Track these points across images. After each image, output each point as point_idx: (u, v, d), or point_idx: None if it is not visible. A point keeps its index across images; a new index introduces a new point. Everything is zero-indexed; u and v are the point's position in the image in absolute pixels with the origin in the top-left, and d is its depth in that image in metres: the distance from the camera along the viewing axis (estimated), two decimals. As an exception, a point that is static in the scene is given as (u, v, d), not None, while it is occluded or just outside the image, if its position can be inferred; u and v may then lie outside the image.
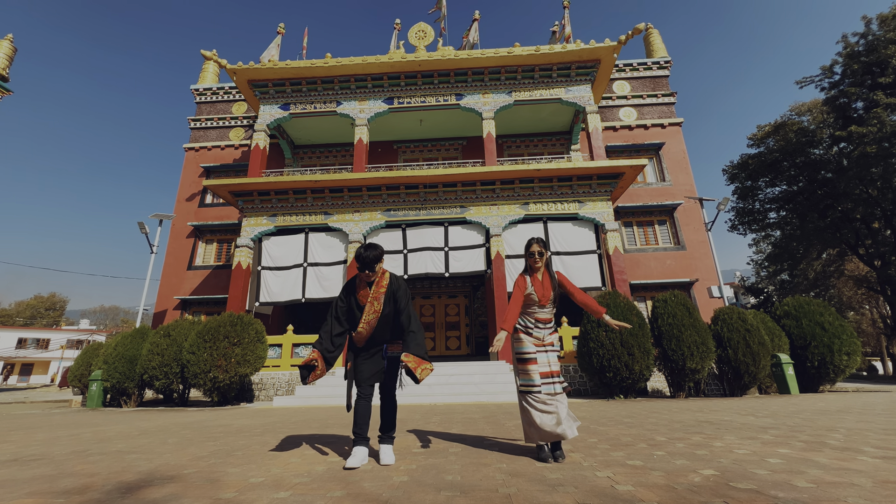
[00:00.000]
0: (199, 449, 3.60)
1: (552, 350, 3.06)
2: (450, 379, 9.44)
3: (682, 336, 8.10)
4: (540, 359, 3.01)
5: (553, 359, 3.03)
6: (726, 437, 3.47)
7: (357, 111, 13.53)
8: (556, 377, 2.98)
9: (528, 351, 3.03)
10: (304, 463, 2.92)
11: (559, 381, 2.98)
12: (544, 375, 2.97)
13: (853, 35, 20.80)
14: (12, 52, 15.81)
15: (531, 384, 2.95)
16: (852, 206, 21.33)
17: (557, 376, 2.99)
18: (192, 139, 17.70)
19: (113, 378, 9.13)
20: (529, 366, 3.00)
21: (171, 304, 15.05)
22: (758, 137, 24.17)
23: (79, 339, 46.54)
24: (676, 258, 14.65)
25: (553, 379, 2.97)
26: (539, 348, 3.04)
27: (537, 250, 3.09)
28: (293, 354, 10.68)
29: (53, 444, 4.08)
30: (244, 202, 12.40)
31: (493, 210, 11.95)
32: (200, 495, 2.17)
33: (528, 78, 13.48)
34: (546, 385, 2.94)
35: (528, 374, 2.98)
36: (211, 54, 14.79)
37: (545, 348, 3.05)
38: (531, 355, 3.01)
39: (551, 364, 3.01)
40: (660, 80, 17.27)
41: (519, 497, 2.00)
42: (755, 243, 30.83)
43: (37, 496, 2.23)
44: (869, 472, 2.27)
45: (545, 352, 3.04)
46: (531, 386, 2.95)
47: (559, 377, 3.00)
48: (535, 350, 3.03)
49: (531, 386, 2.95)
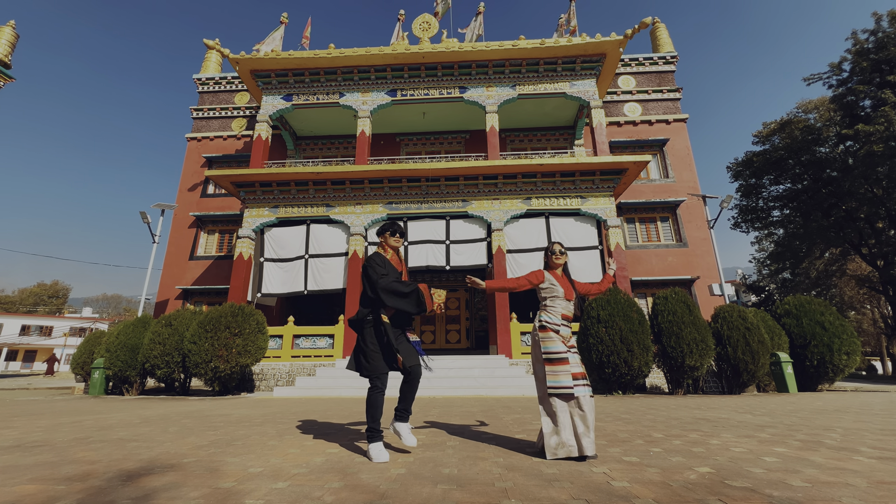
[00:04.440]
0: (200, 438, 3.63)
1: (575, 351, 2.87)
2: (449, 372, 9.49)
3: (681, 333, 8.11)
4: (571, 358, 2.78)
5: (577, 359, 2.84)
6: (723, 435, 3.48)
7: (360, 103, 13.45)
8: (585, 379, 2.78)
9: (559, 350, 2.78)
10: (303, 454, 2.94)
11: (586, 384, 2.76)
12: (576, 377, 2.73)
13: (863, 32, 20.51)
14: (14, 38, 15.72)
15: (563, 386, 2.69)
16: (857, 205, 21.18)
17: (585, 378, 2.78)
18: (194, 129, 17.65)
19: (115, 366, 9.21)
20: (560, 366, 2.74)
21: (172, 294, 15.12)
22: (763, 135, 23.97)
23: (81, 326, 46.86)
24: (678, 255, 14.62)
25: (583, 381, 2.76)
26: (569, 348, 2.84)
27: (559, 248, 3.09)
28: (294, 346, 10.74)
29: (56, 431, 4.12)
30: (246, 193, 12.39)
31: (496, 204, 11.92)
32: (200, 484, 2.19)
33: (533, 71, 13.37)
34: (579, 387, 2.71)
35: (558, 375, 2.73)
36: (214, 43, 14.69)
37: (572, 349, 2.85)
38: (562, 355, 2.76)
39: (580, 364, 2.81)
40: (665, 75, 17.10)
41: (515, 491, 2.02)
42: (758, 241, 30.70)
43: (39, 482, 2.25)
44: (864, 472, 2.28)
45: (573, 352, 2.84)
46: (563, 388, 2.68)
47: (586, 379, 2.79)
48: (565, 349, 2.79)
49: (563, 388, 2.68)
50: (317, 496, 1.98)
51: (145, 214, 14.01)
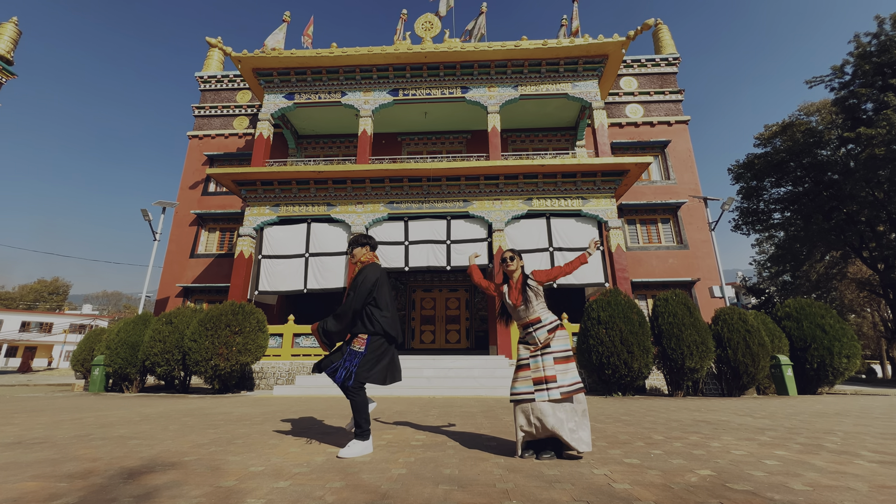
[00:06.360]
0: (200, 436, 3.64)
1: (548, 353, 2.86)
2: (449, 372, 9.49)
3: (681, 335, 8.11)
4: (532, 363, 2.87)
5: (548, 362, 2.83)
6: (724, 438, 3.48)
7: (362, 102, 13.45)
8: (552, 382, 2.76)
9: (521, 357, 2.94)
10: (304, 453, 2.95)
11: (556, 387, 2.74)
12: (537, 381, 2.80)
13: (865, 35, 20.49)
14: (17, 34, 15.73)
15: (517, 392, 2.83)
16: (858, 208, 21.17)
17: (553, 381, 2.76)
18: (195, 127, 17.65)
19: (115, 363, 9.21)
20: (520, 372, 2.89)
21: (173, 292, 15.12)
22: (765, 137, 23.96)
23: (81, 323, 46.87)
24: (679, 257, 14.61)
25: (545, 385, 2.76)
26: (534, 353, 2.90)
27: (509, 255, 3.14)
28: (294, 344, 10.74)
29: (56, 428, 4.12)
30: (247, 191, 12.39)
31: (497, 205, 11.92)
32: (201, 482, 2.20)
33: (535, 72, 13.36)
34: (539, 392, 2.76)
35: (516, 381, 2.86)
36: (216, 41, 14.68)
37: (541, 351, 2.88)
38: (523, 361, 2.92)
39: (545, 368, 2.81)
40: (668, 76, 17.09)
41: (516, 492, 2.02)
42: (758, 244, 30.69)
43: (40, 479, 2.26)
44: (865, 476, 2.28)
45: (540, 355, 2.87)
46: (517, 394, 2.82)
47: (555, 382, 2.75)
48: (528, 356, 2.91)
49: (517, 394, 2.82)
50: (318, 496, 1.98)
51: (146, 212, 14.02)
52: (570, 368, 2.84)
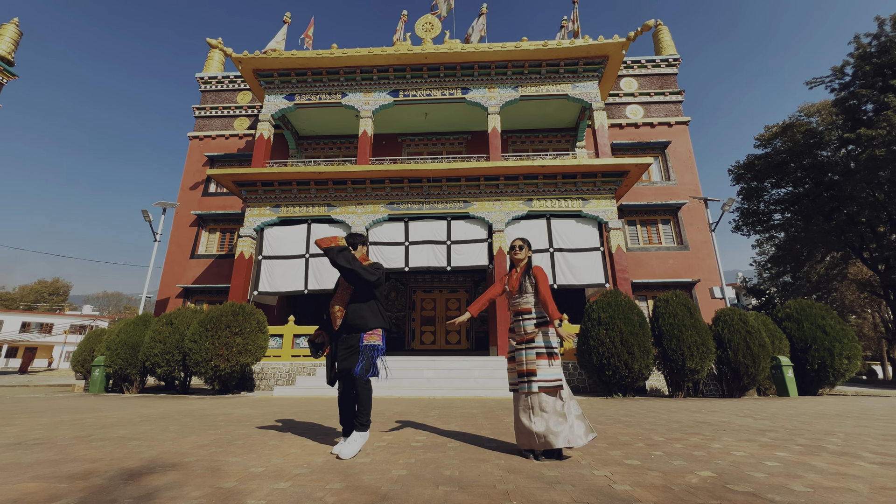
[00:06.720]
0: (201, 437, 3.64)
1: (531, 347, 2.91)
2: (449, 373, 9.49)
3: (682, 336, 8.10)
4: (517, 356, 2.97)
5: (531, 356, 2.88)
6: (724, 439, 3.48)
7: (362, 103, 13.46)
8: (533, 375, 2.82)
9: (509, 350, 3.10)
10: (304, 454, 2.94)
11: (536, 380, 2.81)
12: (521, 374, 2.90)
13: (865, 36, 20.49)
14: (18, 35, 15.76)
15: (511, 382, 3.01)
16: (858, 209, 21.15)
17: (533, 374, 2.82)
18: (196, 128, 17.67)
19: (115, 364, 9.21)
20: (509, 364, 3.06)
21: (173, 293, 15.13)
22: (765, 138, 23.94)
23: (82, 324, 46.87)
24: (679, 258, 14.61)
25: (526, 378, 2.85)
26: (519, 345, 2.99)
27: (518, 244, 3.20)
28: (294, 345, 10.74)
29: (56, 429, 4.12)
30: (248, 192, 12.39)
31: (497, 205, 11.92)
32: (202, 483, 2.20)
33: (535, 73, 13.37)
34: (521, 384, 2.87)
35: (509, 373, 3.05)
36: (217, 42, 14.71)
37: (524, 344, 2.95)
38: (510, 354, 3.07)
39: (527, 362, 2.88)
40: (668, 77, 17.10)
41: (517, 494, 2.02)
42: (759, 244, 30.64)
43: (41, 480, 2.26)
44: (866, 477, 2.28)
45: (524, 349, 2.95)
46: (511, 384, 3.00)
47: (535, 375, 2.82)
48: (513, 348, 3.05)
49: (511, 384, 3.00)
50: (318, 497, 1.98)
51: (147, 213, 14.03)
52: (555, 365, 2.87)
